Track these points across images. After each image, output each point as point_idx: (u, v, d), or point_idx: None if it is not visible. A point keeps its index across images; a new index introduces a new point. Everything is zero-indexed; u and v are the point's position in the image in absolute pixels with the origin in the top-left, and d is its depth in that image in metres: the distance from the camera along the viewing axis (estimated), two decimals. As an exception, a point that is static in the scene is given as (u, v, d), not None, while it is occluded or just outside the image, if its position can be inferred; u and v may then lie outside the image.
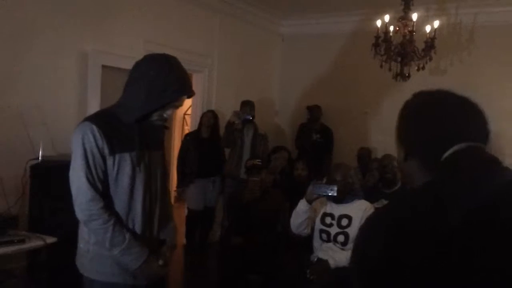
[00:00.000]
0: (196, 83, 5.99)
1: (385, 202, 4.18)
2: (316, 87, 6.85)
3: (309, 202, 3.23)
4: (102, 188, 1.92)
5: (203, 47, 5.95)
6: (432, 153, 1.07)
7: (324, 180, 3.45)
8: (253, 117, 5.69)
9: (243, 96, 5.92)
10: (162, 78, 1.91)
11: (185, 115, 8.24)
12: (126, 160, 1.95)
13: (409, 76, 4.83)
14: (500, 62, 5.53)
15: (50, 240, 3.18)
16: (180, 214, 5.58)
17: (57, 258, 3.19)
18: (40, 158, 3.61)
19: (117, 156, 1.93)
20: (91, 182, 1.89)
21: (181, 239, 5.59)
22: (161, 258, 2.05)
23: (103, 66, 4.55)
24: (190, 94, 2.03)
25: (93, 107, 4.27)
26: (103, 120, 1.96)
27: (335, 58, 6.70)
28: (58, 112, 4.18)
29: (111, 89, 4.42)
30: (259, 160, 4.48)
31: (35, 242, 3.13)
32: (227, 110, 5.88)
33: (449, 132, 1.07)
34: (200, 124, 5.63)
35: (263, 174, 4.34)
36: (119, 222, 1.95)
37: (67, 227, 2.26)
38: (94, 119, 1.96)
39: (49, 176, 3.49)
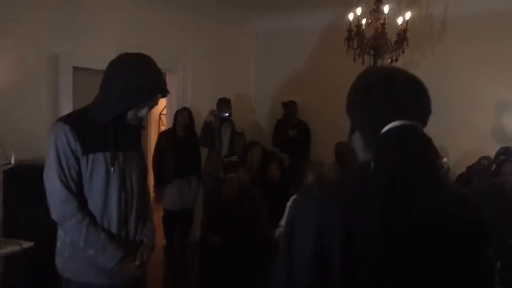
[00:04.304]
0: (171, 83, 5.94)
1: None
2: (292, 83, 6.87)
3: None
4: (75, 188, 1.91)
5: (177, 46, 5.90)
6: (371, 128, 1.13)
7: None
8: (230, 115, 5.67)
9: (219, 94, 5.90)
10: (136, 76, 1.89)
11: (161, 115, 8.19)
12: (100, 160, 1.94)
13: (382, 69, 4.88)
14: (473, 53, 5.62)
15: (27, 244, 3.14)
16: (159, 215, 5.53)
17: (34, 263, 3.15)
18: (13, 162, 3.54)
19: (90, 156, 1.92)
20: (64, 183, 1.88)
21: (161, 240, 5.55)
22: (137, 258, 2.04)
23: (75, 68, 4.49)
24: (164, 93, 2.01)
25: (66, 109, 4.21)
26: (76, 120, 1.94)
27: (309, 54, 6.73)
28: (30, 115, 4.11)
29: (84, 90, 4.35)
30: (235, 157, 4.46)
31: (12, 247, 3.10)
32: (203, 109, 5.85)
33: (387, 109, 1.11)
34: (175, 122, 5.57)
35: (240, 171, 4.33)
36: (94, 222, 1.94)
37: (43, 231, 2.23)
38: (67, 119, 1.95)
39: (23, 180, 3.44)
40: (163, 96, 2.03)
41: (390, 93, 1.13)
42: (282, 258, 1.16)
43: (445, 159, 5.12)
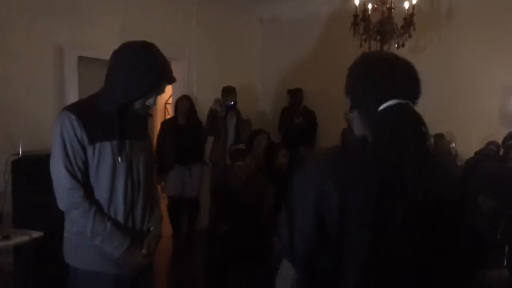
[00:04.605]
0: (176, 72, 5.80)
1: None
2: (298, 70, 6.83)
3: None
4: (82, 177, 1.90)
5: (181, 34, 5.88)
6: (369, 106, 1.25)
7: None
8: (236, 103, 5.65)
9: (224, 82, 5.87)
10: (142, 66, 1.88)
11: (166, 104, 8.19)
12: (107, 149, 1.92)
13: (388, 55, 4.82)
14: (479, 38, 5.54)
15: (36, 234, 3.16)
16: (164, 204, 5.56)
17: (43, 252, 3.17)
18: (20, 153, 3.56)
19: (97, 145, 1.90)
20: (71, 172, 1.87)
21: (168, 229, 5.58)
22: (144, 247, 2.04)
23: (80, 58, 4.49)
24: (171, 81, 2.00)
25: (72, 99, 4.22)
26: (82, 109, 1.93)
27: (315, 40, 6.68)
28: (36, 106, 4.12)
29: (89, 80, 4.37)
30: (242, 145, 4.46)
31: (21, 237, 3.12)
32: (208, 98, 5.83)
33: (385, 89, 1.24)
34: (176, 111, 5.59)
35: (247, 159, 4.32)
36: (100, 211, 1.93)
37: (52, 221, 2.23)
38: (73, 108, 1.94)
39: (31, 170, 3.44)
40: (170, 83, 2.02)
41: (388, 74, 1.25)
42: (285, 227, 1.25)
43: (453, 144, 5.09)
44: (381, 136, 1.18)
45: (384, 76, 1.25)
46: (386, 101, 1.21)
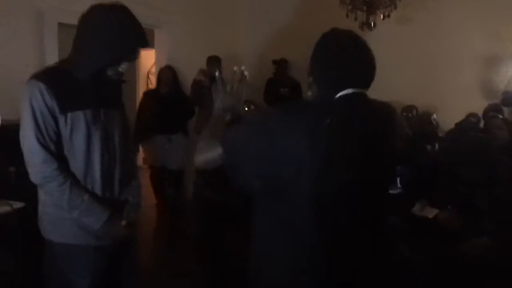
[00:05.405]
0: (160, 40, 5.83)
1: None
2: (283, 39, 6.75)
3: None
4: (55, 149, 1.83)
5: (166, 1, 5.75)
6: (325, 91, 1.48)
7: None
8: (221, 73, 5.57)
9: (209, 52, 5.79)
10: (115, 31, 1.80)
11: (149, 74, 8.07)
12: (80, 119, 1.85)
13: (374, 26, 4.80)
14: (464, 10, 5.53)
15: (17, 205, 3.11)
16: (147, 175, 5.55)
17: (26, 223, 3.14)
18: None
19: (69, 115, 1.83)
20: (43, 144, 1.80)
21: (152, 200, 5.58)
22: (124, 218, 2.01)
23: (60, 24, 4.37)
24: (145, 45, 1.92)
25: (52, 67, 4.13)
26: (52, 77, 1.84)
27: (301, 10, 6.59)
28: (15, 74, 3.99)
29: (69, 47, 4.27)
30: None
31: (2, 208, 3.07)
32: (193, 68, 5.75)
33: (341, 79, 1.46)
34: (158, 80, 5.52)
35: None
36: (76, 183, 1.87)
37: (33, 191, 2.20)
38: (41, 76, 1.83)
39: (11, 140, 3.36)
40: (143, 48, 1.93)
41: (346, 66, 1.46)
42: (235, 155, 1.52)
43: (434, 116, 5.12)
44: (335, 119, 1.37)
45: (341, 68, 1.46)
46: (342, 89, 1.43)
